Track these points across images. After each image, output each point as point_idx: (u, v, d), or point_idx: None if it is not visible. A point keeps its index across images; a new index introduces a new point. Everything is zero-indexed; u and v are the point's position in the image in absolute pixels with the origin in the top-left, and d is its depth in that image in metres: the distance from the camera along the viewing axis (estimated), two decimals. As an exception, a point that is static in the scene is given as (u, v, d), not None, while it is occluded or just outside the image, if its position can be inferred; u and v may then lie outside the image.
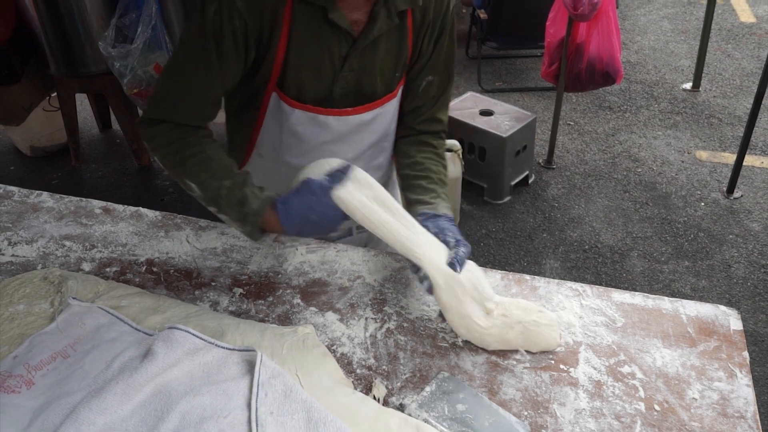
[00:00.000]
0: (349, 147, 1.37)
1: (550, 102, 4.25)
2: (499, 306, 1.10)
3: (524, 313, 1.09)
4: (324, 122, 1.32)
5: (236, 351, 1.00)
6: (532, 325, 1.08)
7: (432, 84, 1.36)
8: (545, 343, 1.09)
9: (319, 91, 1.28)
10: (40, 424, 0.88)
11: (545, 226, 3.18)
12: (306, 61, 1.24)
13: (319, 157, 1.25)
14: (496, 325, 1.08)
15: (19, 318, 1.11)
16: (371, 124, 1.36)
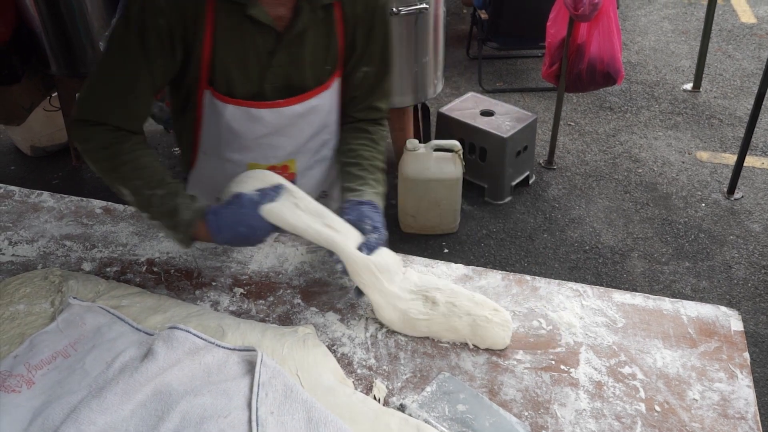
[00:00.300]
0: (288, 140, 1.39)
1: (550, 102, 4.25)
2: (447, 294, 1.13)
3: (476, 307, 1.11)
4: (258, 116, 1.32)
5: (237, 351, 1.00)
6: (481, 320, 1.10)
7: (368, 75, 1.38)
8: (492, 341, 1.10)
9: (249, 86, 1.29)
10: (41, 423, 0.88)
11: (546, 227, 3.18)
12: (232, 57, 1.26)
13: (260, 151, 1.33)
14: (442, 314, 1.10)
15: (19, 317, 1.11)
16: (307, 116, 1.37)
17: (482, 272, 1.26)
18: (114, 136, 1.23)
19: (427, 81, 3.09)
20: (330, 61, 1.33)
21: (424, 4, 2.77)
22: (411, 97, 3.09)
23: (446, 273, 1.26)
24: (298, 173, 1.44)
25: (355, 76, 1.37)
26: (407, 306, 1.12)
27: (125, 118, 1.24)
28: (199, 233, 1.18)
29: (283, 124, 1.35)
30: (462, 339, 1.11)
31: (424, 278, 1.17)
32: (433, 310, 1.11)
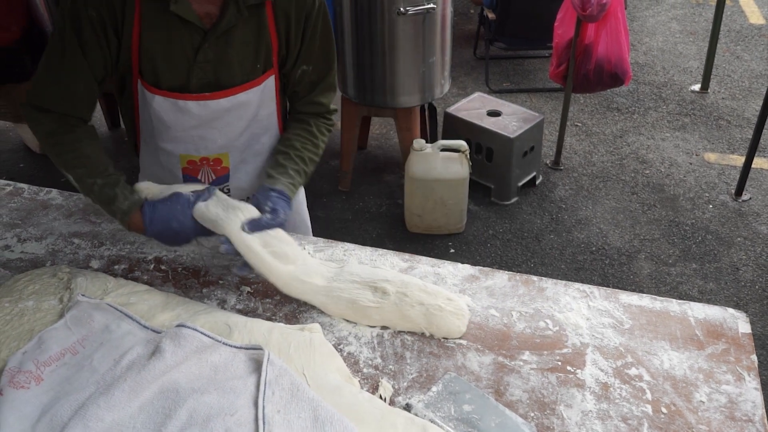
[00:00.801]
0: (218, 132, 1.42)
1: (557, 103, 4.24)
2: (398, 285, 1.16)
3: (428, 297, 1.14)
4: (184, 108, 1.35)
5: (243, 349, 1.00)
6: (434, 308, 1.12)
7: (307, 72, 1.42)
8: (447, 329, 1.12)
9: (176, 79, 1.33)
10: (49, 420, 0.89)
11: (552, 228, 3.17)
12: (158, 51, 1.30)
13: (191, 143, 1.40)
14: (393, 303, 1.13)
15: (28, 314, 1.12)
16: (235, 110, 1.40)
17: (489, 272, 1.26)
18: (60, 124, 1.30)
19: (434, 81, 3.09)
20: (261, 60, 1.38)
21: (431, 4, 2.77)
22: (418, 97, 3.09)
23: (452, 273, 1.26)
24: (232, 167, 1.48)
25: (294, 73, 1.42)
26: (354, 295, 1.15)
27: (69, 106, 1.30)
28: (133, 223, 1.25)
29: (211, 117, 1.39)
30: (418, 328, 1.13)
31: (369, 269, 1.21)
32: (383, 299, 1.14)
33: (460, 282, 1.24)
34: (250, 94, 1.39)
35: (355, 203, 3.39)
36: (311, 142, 1.47)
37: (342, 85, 3.22)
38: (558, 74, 3.38)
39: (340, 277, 1.19)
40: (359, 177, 3.57)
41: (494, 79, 4.55)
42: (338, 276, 1.20)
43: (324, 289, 1.18)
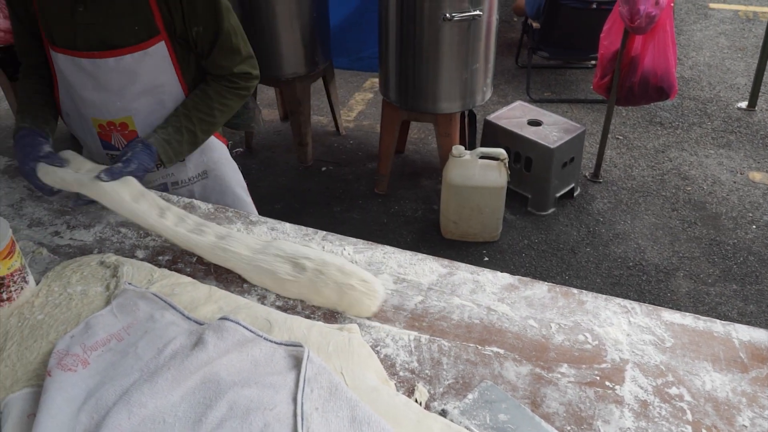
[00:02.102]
0: (116, 96, 1.53)
1: (599, 115, 4.19)
2: (317, 263, 1.20)
3: (343, 276, 1.18)
4: (80, 65, 1.49)
5: (283, 345, 1.01)
6: (347, 287, 1.17)
7: (200, 34, 1.51)
8: (357, 309, 1.17)
9: (65, 37, 1.48)
10: (94, 402, 0.91)
11: (589, 241, 3.13)
12: (49, 11, 1.47)
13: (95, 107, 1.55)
14: (309, 278, 1.19)
15: (76, 299, 1.15)
16: (128, 73, 1.50)
17: (528, 282, 1.25)
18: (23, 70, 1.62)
19: (476, 88, 3.08)
20: (142, 24, 1.45)
21: (477, 11, 2.77)
22: (459, 103, 3.09)
23: (491, 281, 1.26)
24: (140, 132, 1.59)
25: (190, 36, 1.51)
26: (275, 268, 1.21)
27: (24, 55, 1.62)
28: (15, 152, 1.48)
29: (104, 78, 1.50)
30: (331, 305, 1.19)
31: (294, 246, 1.26)
32: (300, 274, 1.19)
33: (498, 291, 1.23)
34: (137, 57, 1.48)
35: (390, 207, 3.40)
36: (204, 102, 1.57)
37: (384, 89, 3.23)
38: (602, 86, 3.34)
39: (266, 251, 1.24)
40: (396, 181, 3.58)
41: (535, 88, 4.52)
42: (265, 249, 1.25)
43: (247, 259, 1.24)
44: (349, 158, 3.85)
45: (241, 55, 1.60)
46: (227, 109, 1.62)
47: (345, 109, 4.41)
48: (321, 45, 3.48)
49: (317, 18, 3.35)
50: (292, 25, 3.25)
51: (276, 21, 3.20)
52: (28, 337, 1.07)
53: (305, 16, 3.26)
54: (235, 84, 1.61)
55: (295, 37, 3.30)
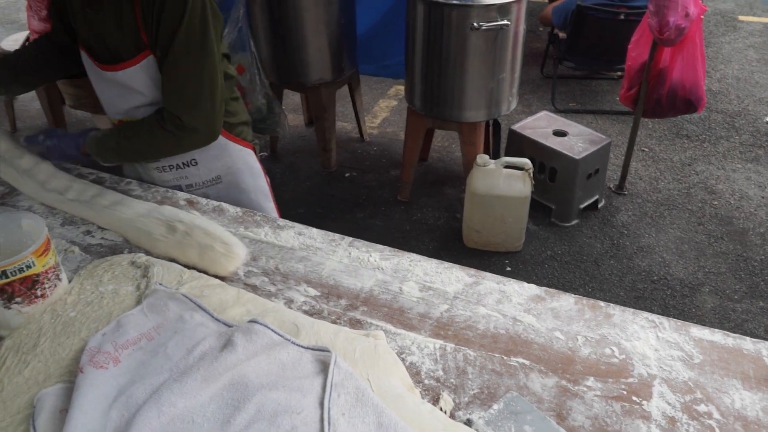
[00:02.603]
0: (117, 100, 1.59)
1: (624, 126, 4.16)
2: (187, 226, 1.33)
3: (206, 238, 1.30)
4: (88, 64, 1.56)
5: (311, 350, 1.02)
6: (208, 248, 1.28)
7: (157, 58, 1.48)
8: (215, 268, 1.27)
9: (83, 38, 1.54)
10: (125, 400, 0.93)
11: (612, 253, 3.11)
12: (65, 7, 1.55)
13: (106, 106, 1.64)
14: (177, 240, 1.31)
15: (107, 297, 1.17)
16: (127, 87, 1.53)
17: (555, 294, 1.25)
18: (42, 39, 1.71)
19: (502, 97, 3.08)
20: (130, 38, 1.46)
21: (505, 21, 2.77)
22: (484, 112, 3.09)
23: (518, 292, 1.25)
24: None
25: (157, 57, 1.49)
26: (151, 228, 1.34)
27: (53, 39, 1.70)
28: None
29: (107, 86, 1.56)
30: (194, 264, 1.29)
31: (175, 211, 1.39)
32: (170, 235, 1.32)
33: (525, 301, 1.23)
34: (129, 72, 1.50)
35: (413, 214, 3.41)
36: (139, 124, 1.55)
37: (409, 96, 3.24)
38: (628, 97, 3.32)
39: (149, 215, 1.38)
40: (419, 188, 3.59)
41: (560, 98, 4.50)
42: (148, 213, 1.39)
43: (128, 221, 1.38)
44: (372, 165, 3.87)
45: (180, 96, 1.48)
46: (154, 141, 1.54)
47: (369, 116, 4.43)
48: (347, 52, 3.50)
49: (344, 25, 3.38)
50: (320, 31, 3.27)
51: (304, 27, 3.23)
52: (60, 334, 1.09)
53: (333, 23, 3.29)
54: (163, 121, 1.51)
55: (322, 43, 3.32)
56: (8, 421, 0.94)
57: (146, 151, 1.58)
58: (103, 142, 1.57)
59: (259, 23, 3.28)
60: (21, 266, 1.09)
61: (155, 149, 1.58)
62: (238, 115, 1.76)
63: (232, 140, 1.72)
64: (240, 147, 1.77)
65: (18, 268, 1.08)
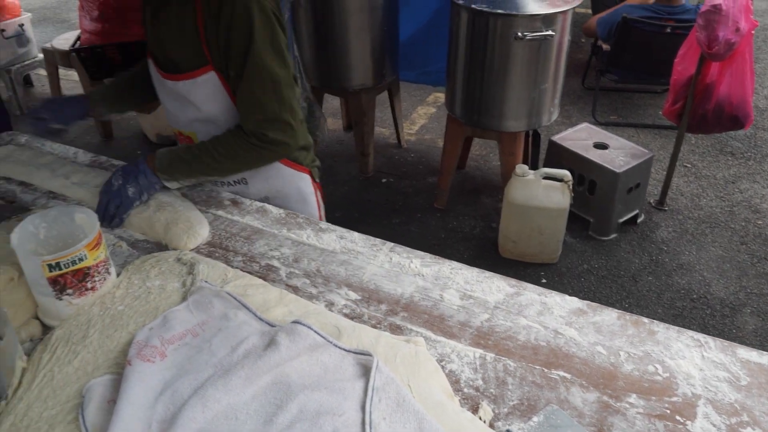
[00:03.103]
0: (178, 112, 1.58)
1: (666, 141, 4.10)
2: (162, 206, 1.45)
3: (172, 214, 1.43)
4: (154, 75, 1.57)
5: (352, 353, 1.03)
6: (172, 225, 1.40)
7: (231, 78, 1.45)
8: (176, 243, 1.38)
9: (150, 44, 1.55)
10: (170, 394, 0.94)
11: (651, 269, 3.06)
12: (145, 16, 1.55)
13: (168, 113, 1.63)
14: (148, 215, 1.44)
15: (154, 293, 1.20)
16: (185, 100, 1.51)
17: (597, 308, 1.24)
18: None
19: (543, 108, 3.06)
20: (191, 52, 1.43)
21: (550, 31, 2.75)
22: (525, 122, 3.07)
23: (560, 304, 1.24)
24: None
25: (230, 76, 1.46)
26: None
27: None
28: None
29: (168, 95, 1.56)
30: (160, 239, 1.41)
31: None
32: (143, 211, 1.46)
33: (566, 314, 1.22)
34: (188, 84, 1.48)
35: (449, 222, 3.40)
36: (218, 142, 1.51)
37: (449, 104, 3.24)
38: (673, 112, 3.27)
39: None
40: (455, 196, 3.58)
41: (601, 110, 4.45)
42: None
43: None
44: (409, 171, 3.87)
45: (262, 113, 1.46)
46: (237, 159, 1.51)
47: (407, 122, 4.44)
48: (389, 58, 3.52)
49: (387, 31, 3.39)
50: (363, 37, 3.30)
51: (347, 33, 3.26)
52: (109, 326, 1.11)
53: (376, 30, 3.31)
54: (248, 138, 1.48)
55: (365, 49, 3.35)
56: (58, 409, 0.97)
57: (225, 165, 1.52)
58: (176, 156, 1.51)
59: (303, 27, 3.32)
60: (74, 259, 1.12)
61: (238, 163, 1.53)
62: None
63: (284, 163, 1.66)
64: (293, 171, 1.69)
65: (71, 261, 1.12)
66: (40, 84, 5.08)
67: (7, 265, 1.21)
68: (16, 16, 4.43)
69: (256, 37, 1.38)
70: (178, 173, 1.52)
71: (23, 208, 1.53)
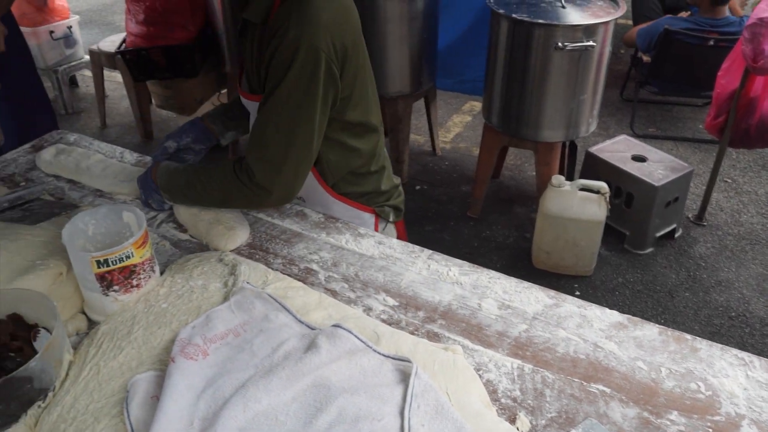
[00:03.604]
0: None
1: (706, 155, 4.03)
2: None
3: (215, 215, 1.46)
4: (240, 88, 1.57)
5: (391, 359, 1.03)
6: (214, 225, 1.43)
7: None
8: (215, 244, 1.41)
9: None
10: (212, 392, 0.96)
11: (688, 285, 3.00)
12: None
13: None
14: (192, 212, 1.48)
15: (197, 292, 1.22)
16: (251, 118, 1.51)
17: (638, 323, 1.22)
18: None
19: (582, 119, 3.04)
20: (256, 71, 1.43)
21: (591, 42, 2.73)
22: (562, 133, 3.05)
23: (599, 317, 1.23)
24: None
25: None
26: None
27: None
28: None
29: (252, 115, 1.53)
30: (201, 238, 1.44)
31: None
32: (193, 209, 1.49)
33: (606, 327, 1.21)
34: (249, 104, 1.51)
35: (482, 231, 3.39)
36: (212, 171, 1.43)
37: (486, 113, 3.24)
38: (715, 126, 3.21)
39: None
40: (489, 205, 3.57)
41: (640, 123, 4.40)
42: None
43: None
44: (443, 179, 3.87)
45: (262, 151, 1.35)
46: (224, 188, 1.41)
47: (442, 130, 4.44)
48: (427, 66, 3.53)
49: (426, 39, 3.41)
50: (402, 45, 3.32)
51: (386, 40, 3.28)
52: (153, 324, 1.14)
53: (415, 37, 3.32)
54: (240, 173, 1.38)
55: (404, 57, 3.36)
56: (103, 402, 0.99)
57: (212, 196, 1.43)
58: (173, 176, 1.46)
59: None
60: (121, 256, 1.15)
61: (221, 197, 1.42)
62: (363, 186, 1.63)
63: (344, 201, 1.60)
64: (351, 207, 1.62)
65: (118, 258, 1.14)
66: (84, 84, 5.21)
67: (56, 260, 1.24)
68: (65, 18, 4.55)
69: (292, 72, 1.28)
70: (176, 197, 1.47)
71: (72, 205, 1.58)
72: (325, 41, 1.28)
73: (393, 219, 1.72)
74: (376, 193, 1.65)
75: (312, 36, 1.26)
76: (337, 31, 1.30)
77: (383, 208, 1.68)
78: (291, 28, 1.27)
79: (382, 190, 1.66)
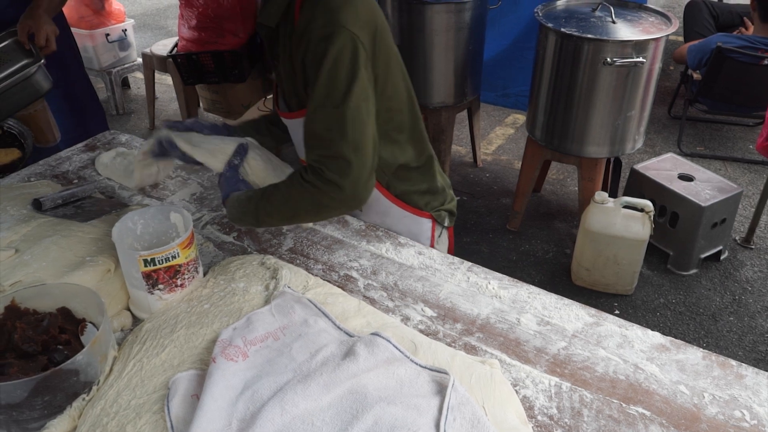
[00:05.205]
0: (296, 146, 1.55)
1: (756, 176, 3.91)
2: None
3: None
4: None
5: (428, 370, 1.03)
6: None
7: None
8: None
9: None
10: (251, 394, 0.98)
11: (733, 309, 2.92)
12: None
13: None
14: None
15: (238, 294, 1.24)
16: (295, 137, 1.51)
17: (681, 345, 1.20)
18: None
19: (628, 136, 2.99)
20: (294, 91, 1.41)
21: (641, 58, 2.69)
22: (607, 149, 3.00)
23: (641, 338, 1.21)
24: None
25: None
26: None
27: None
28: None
29: (288, 130, 1.55)
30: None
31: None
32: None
33: (647, 349, 1.19)
34: (293, 123, 1.48)
35: (521, 245, 3.36)
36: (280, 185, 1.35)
37: (530, 126, 3.22)
38: (766, 147, 3.12)
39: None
40: (529, 219, 3.53)
41: (687, 141, 4.30)
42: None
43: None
44: (483, 191, 3.85)
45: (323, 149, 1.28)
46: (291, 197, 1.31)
47: (484, 142, 4.42)
48: (472, 78, 3.53)
49: (472, 51, 3.40)
50: (448, 56, 3.32)
51: (432, 51, 3.29)
52: (195, 323, 1.16)
53: (461, 49, 3.32)
54: (305, 176, 1.30)
55: (449, 68, 3.36)
56: (145, 398, 1.02)
57: (282, 211, 1.32)
58: (243, 204, 1.36)
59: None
60: (168, 256, 1.18)
61: (291, 208, 1.32)
62: (417, 183, 1.57)
63: (401, 206, 1.57)
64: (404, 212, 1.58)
65: (165, 257, 1.17)
66: (136, 86, 5.35)
67: (105, 257, 1.28)
68: (121, 22, 4.69)
69: (328, 61, 1.23)
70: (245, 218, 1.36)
71: (121, 203, 1.62)
72: (357, 26, 1.25)
73: (448, 224, 1.72)
74: (431, 193, 1.61)
75: (343, 21, 1.23)
76: (364, 15, 1.28)
77: (440, 212, 1.66)
78: (318, 17, 1.25)
79: (438, 187, 1.62)
